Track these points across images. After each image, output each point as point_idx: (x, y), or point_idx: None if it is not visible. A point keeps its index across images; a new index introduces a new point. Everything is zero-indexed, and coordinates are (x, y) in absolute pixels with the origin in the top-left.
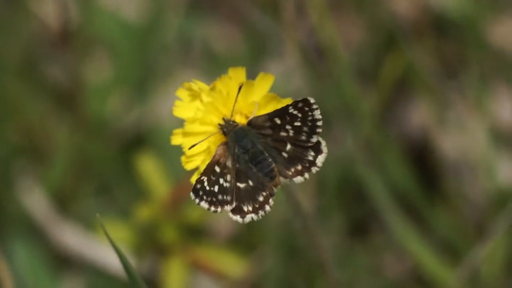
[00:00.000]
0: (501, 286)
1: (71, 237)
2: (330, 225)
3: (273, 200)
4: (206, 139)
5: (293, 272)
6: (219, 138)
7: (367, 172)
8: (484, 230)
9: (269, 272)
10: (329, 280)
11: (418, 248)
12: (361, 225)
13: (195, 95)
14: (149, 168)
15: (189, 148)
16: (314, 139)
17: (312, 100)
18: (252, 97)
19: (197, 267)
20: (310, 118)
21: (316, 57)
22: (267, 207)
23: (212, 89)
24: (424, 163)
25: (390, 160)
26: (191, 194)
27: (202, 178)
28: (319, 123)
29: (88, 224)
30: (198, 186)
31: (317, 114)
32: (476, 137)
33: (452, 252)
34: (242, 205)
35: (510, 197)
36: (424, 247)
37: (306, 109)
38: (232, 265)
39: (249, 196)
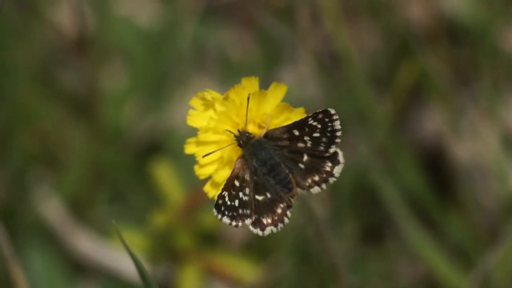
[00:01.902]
0: None
1: (86, 244)
2: (343, 230)
3: (290, 211)
4: (220, 150)
5: (307, 278)
6: (232, 148)
7: (381, 178)
8: (497, 236)
9: (283, 278)
10: (343, 285)
11: (431, 254)
12: (375, 230)
13: (208, 105)
14: (163, 175)
15: (203, 157)
16: (332, 150)
17: (333, 111)
18: (265, 106)
19: (211, 273)
20: (329, 129)
21: (330, 64)
22: (286, 219)
23: (225, 98)
24: (437, 169)
25: (403, 166)
26: (214, 210)
27: (223, 193)
28: (338, 134)
29: (103, 231)
30: (220, 201)
31: (337, 124)
32: (488, 143)
33: (464, 257)
34: (261, 217)
35: None
36: (437, 253)
37: (327, 120)
38: (246, 271)
39: (267, 208)
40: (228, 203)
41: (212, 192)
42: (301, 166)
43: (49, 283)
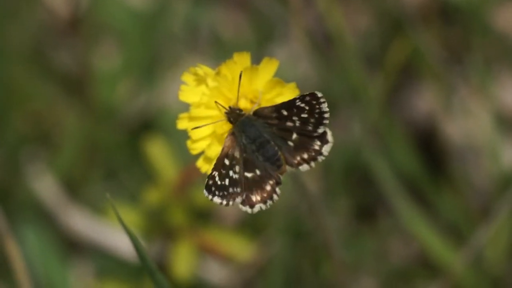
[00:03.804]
0: (504, 268)
1: (81, 222)
2: (336, 208)
3: (280, 189)
4: (211, 124)
5: (300, 256)
6: (224, 123)
7: (374, 157)
8: (488, 213)
9: (276, 255)
10: (335, 263)
11: (423, 232)
12: (368, 209)
13: (200, 80)
14: (157, 152)
15: (192, 129)
16: (321, 130)
17: (319, 94)
18: (257, 82)
19: (205, 251)
20: (317, 110)
21: (323, 43)
22: (275, 196)
23: (217, 73)
24: (429, 147)
25: (396, 144)
26: (204, 191)
27: (213, 173)
28: (326, 115)
29: (97, 209)
30: (210, 182)
31: (324, 107)
32: (480, 121)
33: (457, 235)
34: (250, 195)
35: None
36: (430, 231)
37: (314, 102)
38: (240, 248)
39: (257, 185)
40: (219, 182)
41: (205, 167)
42: (290, 143)
43: (44, 261)
